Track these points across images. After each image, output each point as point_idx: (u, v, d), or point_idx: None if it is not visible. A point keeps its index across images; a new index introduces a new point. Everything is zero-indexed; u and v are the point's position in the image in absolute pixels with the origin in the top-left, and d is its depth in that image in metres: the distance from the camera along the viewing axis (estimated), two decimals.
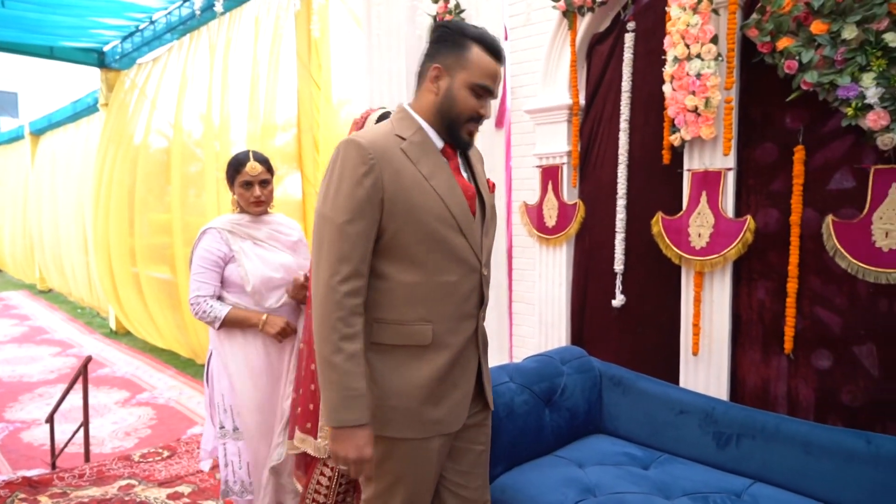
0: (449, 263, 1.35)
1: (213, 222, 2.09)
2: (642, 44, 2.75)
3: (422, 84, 1.40)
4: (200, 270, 2.02)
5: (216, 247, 1.99)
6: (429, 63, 1.38)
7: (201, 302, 1.97)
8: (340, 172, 1.31)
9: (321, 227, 1.32)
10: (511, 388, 2.04)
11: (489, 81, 1.35)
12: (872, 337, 2.15)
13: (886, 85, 2.01)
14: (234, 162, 2.10)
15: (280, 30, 4.69)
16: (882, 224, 2.09)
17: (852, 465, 1.57)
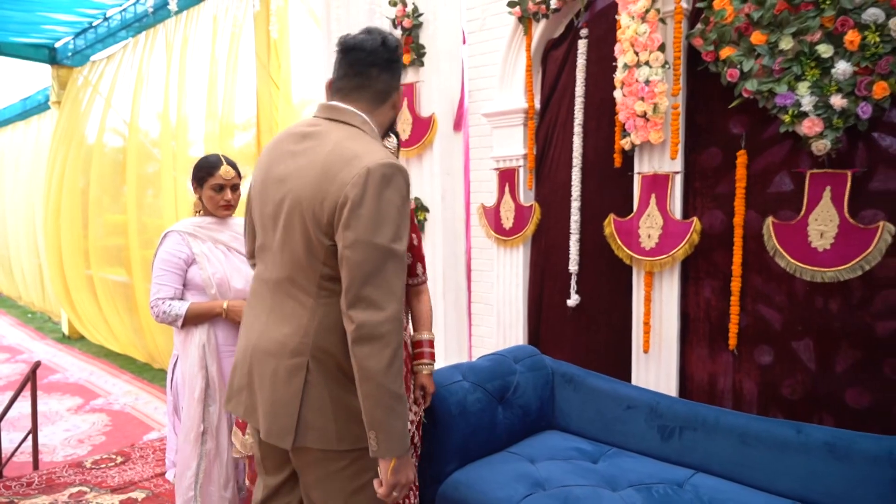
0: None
1: (175, 225, 2.09)
2: (595, 50, 2.82)
3: (386, 101, 1.43)
4: (161, 273, 2.01)
5: (178, 249, 1.98)
6: (395, 83, 1.42)
7: (160, 304, 1.97)
8: (397, 201, 1.30)
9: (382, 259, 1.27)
10: (464, 387, 2.08)
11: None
12: (809, 333, 2.26)
13: (820, 94, 2.12)
14: (206, 164, 2.08)
15: (238, 29, 4.65)
16: (817, 225, 2.20)
17: (785, 454, 1.66)
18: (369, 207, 1.25)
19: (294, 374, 1.36)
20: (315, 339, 1.35)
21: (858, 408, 2.18)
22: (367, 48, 1.39)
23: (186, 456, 1.92)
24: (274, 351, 1.39)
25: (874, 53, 2.01)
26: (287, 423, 1.36)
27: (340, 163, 1.30)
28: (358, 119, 1.40)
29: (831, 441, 1.63)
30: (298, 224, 1.35)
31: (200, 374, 1.94)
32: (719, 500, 1.70)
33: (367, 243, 1.25)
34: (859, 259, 2.12)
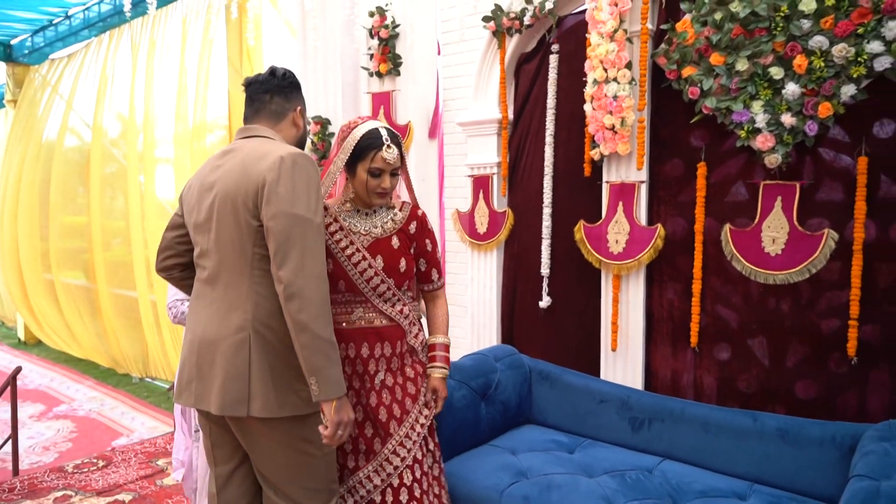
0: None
1: None
2: (565, 65, 2.98)
3: (283, 120, 1.69)
4: None
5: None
6: (289, 104, 1.70)
7: (179, 304, 2.02)
8: (307, 179, 1.53)
9: (301, 227, 1.48)
10: (451, 385, 2.19)
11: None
12: (763, 331, 2.46)
13: (772, 112, 2.32)
14: None
15: (210, 34, 4.66)
16: (770, 232, 2.40)
17: (743, 440, 1.83)
18: (285, 185, 1.49)
19: (239, 349, 1.53)
20: (254, 314, 1.53)
21: (806, 399, 2.38)
22: (259, 80, 1.71)
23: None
24: (219, 335, 1.55)
25: (819, 77, 2.22)
26: (240, 392, 1.52)
27: (257, 158, 1.55)
28: (267, 132, 1.67)
29: (783, 428, 1.81)
30: (229, 215, 1.55)
31: None
32: (685, 483, 1.87)
33: (287, 213, 1.48)
34: (807, 263, 2.32)
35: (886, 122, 2.21)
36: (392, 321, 1.77)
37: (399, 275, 1.77)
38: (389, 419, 1.74)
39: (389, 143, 1.70)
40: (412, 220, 1.84)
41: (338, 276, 1.73)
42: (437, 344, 1.87)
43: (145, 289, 5.55)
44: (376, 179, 1.71)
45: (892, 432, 1.55)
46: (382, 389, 1.75)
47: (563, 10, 2.95)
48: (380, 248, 1.77)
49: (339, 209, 1.81)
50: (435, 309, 1.93)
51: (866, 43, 2.12)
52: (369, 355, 1.75)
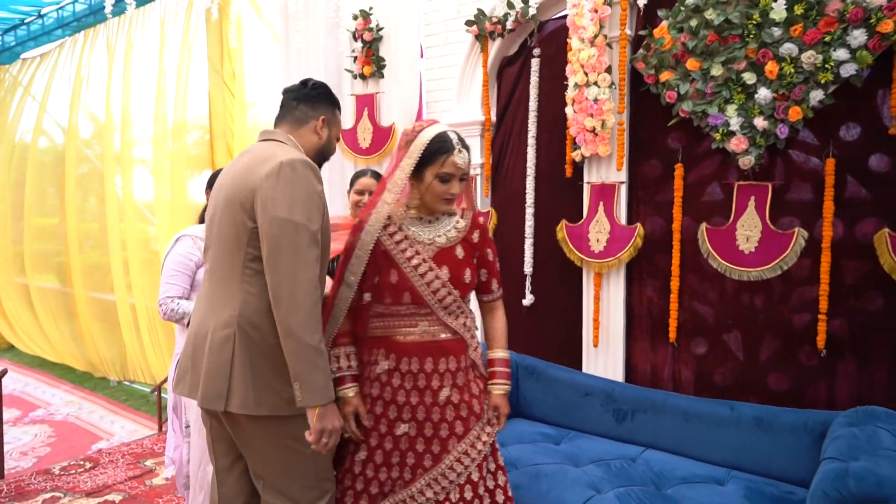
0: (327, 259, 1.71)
1: (187, 230, 2.17)
2: (547, 68, 3.06)
3: (304, 126, 1.70)
4: (172, 273, 2.08)
5: (190, 252, 2.07)
6: (313, 113, 1.71)
7: (168, 302, 2.04)
8: (305, 186, 1.53)
9: (293, 233, 1.49)
10: None
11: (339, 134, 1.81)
12: (738, 326, 2.56)
13: (745, 115, 2.43)
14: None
15: (190, 35, 4.64)
16: (744, 231, 2.51)
17: (721, 429, 1.92)
18: (283, 190, 1.50)
19: (224, 345, 1.55)
20: (241, 312, 1.55)
21: (779, 391, 2.49)
22: (292, 88, 1.75)
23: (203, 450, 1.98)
24: (208, 329, 1.59)
25: (790, 82, 2.33)
26: (220, 387, 1.55)
27: (260, 161, 1.57)
28: (282, 137, 1.69)
29: (759, 416, 1.91)
30: (228, 214, 1.59)
31: None
32: (667, 471, 1.95)
33: (282, 219, 1.49)
34: (779, 260, 2.43)
35: (852, 126, 2.32)
36: (456, 334, 1.68)
37: (464, 286, 1.69)
38: (450, 436, 1.65)
39: (460, 147, 1.64)
40: (475, 228, 1.76)
41: (403, 288, 1.65)
42: (498, 359, 1.77)
43: (123, 291, 5.49)
44: (445, 185, 1.64)
45: (859, 418, 1.65)
46: (447, 406, 1.65)
47: (544, 15, 3.03)
48: (445, 259, 1.68)
49: (403, 217, 1.72)
50: (494, 321, 1.83)
51: (833, 50, 2.23)
52: (433, 370, 1.66)
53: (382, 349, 1.67)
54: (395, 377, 1.65)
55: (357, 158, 3.65)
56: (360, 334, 1.70)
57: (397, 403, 1.65)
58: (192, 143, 4.92)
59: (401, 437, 1.64)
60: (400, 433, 1.64)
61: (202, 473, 2.00)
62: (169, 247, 2.14)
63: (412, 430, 1.64)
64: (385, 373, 1.66)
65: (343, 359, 1.67)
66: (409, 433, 1.64)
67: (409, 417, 1.64)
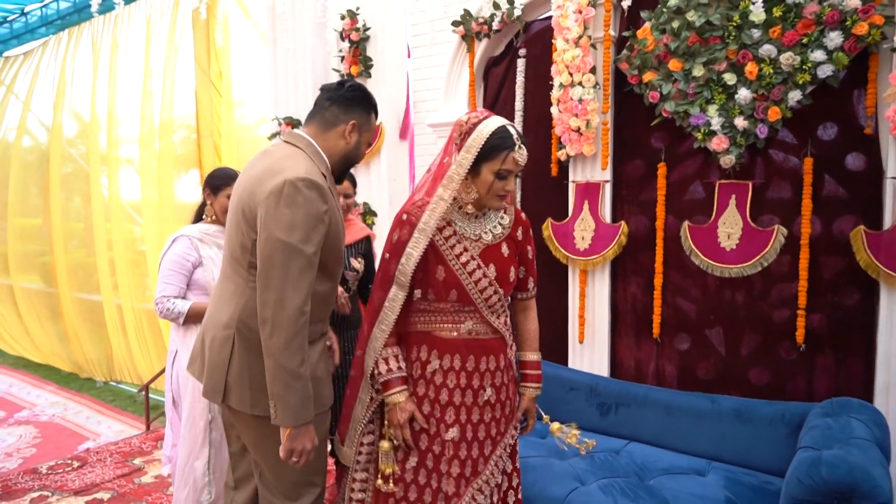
0: (339, 273, 1.70)
1: (184, 230, 2.18)
2: (532, 68, 3.09)
3: (332, 129, 1.62)
4: (169, 273, 2.11)
5: (187, 252, 2.11)
6: (344, 116, 1.62)
7: (165, 301, 2.06)
8: (307, 208, 1.48)
9: (288, 255, 1.45)
10: None
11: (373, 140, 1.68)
12: (720, 321, 2.61)
13: (726, 115, 2.48)
14: (224, 175, 2.21)
15: (177, 35, 4.63)
16: (725, 228, 2.56)
17: (702, 421, 1.96)
18: (282, 211, 1.47)
19: (224, 344, 1.60)
20: (241, 316, 1.58)
21: (759, 384, 2.55)
22: (328, 87, 1.69)
23: (196, 447, 1.99)
24: (213, 326, 1.64)
25: (769, 83, 2.38)
26: (217, 383, 1.61)
27: (270, 174, 1.52)
28: (303, 142, 1.62)
29: (738, 408, 1.95)
30: (235, 220, 1.61)
31: None
32: (650, 462, 1.99)
33: (277, 240, 1.46)
34: (759, 257, 2.49)
35: (829, 126, 2.38)
36: (497, 333, 1.64)
37: (508, 284, 1.65)
38: (486, 438, 1.63)
39: (521, 143, 1.57)
40: (519, 224, 1.71)
41: (450, 285, 1.60)
42: (531, 362, 1.75)
43: (110, 291, 5.46)
44: (502, 182, 1.56)
45: (833, 409, 1.70)
46: (486, 406, 1.62)
47: (529, 16, 3.07)
48: (492, 256, 1.63)
49: (454, 211, 1.64)
50: (527, 322, 1.79)
51: (810, 52, 2.29)
52: (474, 369, 1.61)
53: (424, 345, 1.62)
54: (438, 375, 1.61)
55: None
56: (402, 331, 1.66)
57: (441, 403, 1.60)
58: (179, 142, 4.91)
59: (447, 442, 1.60)
60: (449, 438, 1.60)
61: (189, 469, 2.01)
62: (166, 247, 2.16)
63: (457, 435, 1.61)
64: (431, 372, 1.62)
65: (392, 360, 1.62)
66: (454, 438, 1.61)
67: (452, 420, 1.60)
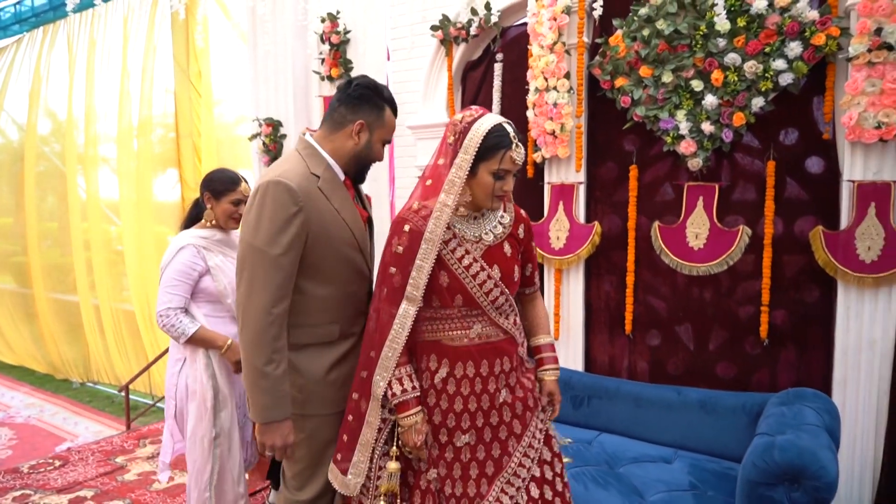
0: (352, 276, 1.64)
1: (187, 238, 2.09)
2: (509, 73, 3.17)
3: (340, 130, 1.60)
4: (175, 283, 2.02)
5: (194, 262, 2.03)
6: (351, 116, 1.59)
7: (171, 315, 1.98)
8: (273, 210, 1.48)
9: (253, 257, 1.49)
10: None
11: (391, 135, 1.66)
12: (688, 318, 2.72)
13: (693, 120, 2.58)
14: (226, 179, 2.12)
15: (155, 34, 4.63)
16: (693, 228, 2.66)
17: (669, 412, 2.06)
18: (252, 214, 1.50)
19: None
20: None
21: (725, 378, 2.65)
22: (339, 88, 1.67)
23: (201, 461, 1.97)
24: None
25: (734, 89, 2.49)
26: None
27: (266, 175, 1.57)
28: (302, 144, 1.63)
29: (703, 399, 2.05)
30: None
31: (210, 382, 1.99)
32: (619, 452, 2.08)
33: (246, 242, 1.51)
34: (725, 256, 2.59)
35: (790, 131, 2.50)
36: (507, 334, 1.58)
37: (513, 284, 1.60)
38: (509, 436, 1.58)
39: (517, 142, 1.49)
40: (519, 222, 1.65)
41: (454, 290, 1.54)
42: (544, 345, 1.69)
43: (86, 292, 5.43)
44: (500, 182, 1.50)
45: (789, 398, 1.81)
46: (503, 407, 1.57)
47: (506, 22, 3.15)
48: (495, 257, 1.57)
49: (452, 215, 1.57)
50: (536, 310, 1.74)
51: (772, 61, 2.40)
52: (489, 373, 1.56)
53: (434, 354, 1.57)
54: (450, 383, 1.56)
55: None
56: (410, 343, 1.58)
57: (455, 412, 1.55)
58: (157, 141, 4.91)
59: (461, 448, 1.56)
60: (460, 444, 1.56)
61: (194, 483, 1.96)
62: (170, 254, 2.06)
63: (472, 439, 1.56)
64: (441, 380, 1.57)
65: (406, 380, 1.54)
66: (469, 443, 1.56)
67: (467, 426, 1.56)
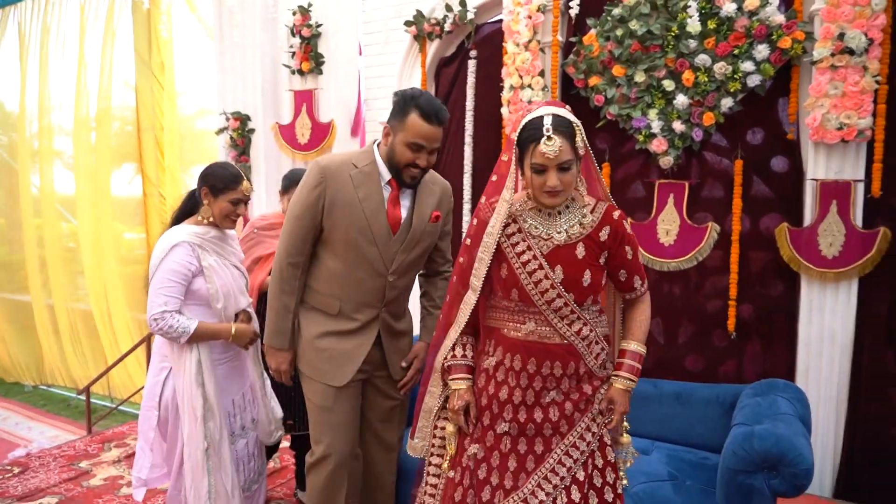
0: (360, 263, 1.76)
1: (181, 235, 1.94)
2: (482, 69, 3.19)
3: (387, 136, 1.74)
4: (169, 284, 1.88)
5: (188, 261, 1.89)
6: (386, 122, 1.77)
7: (167, 317, 1.85)
8: (303, 182, 1.77)
9: (286, 216, 1.79)
10: None
11: (421, 139, 1.67)
12: (659, 312, 2.78)
13: (665, 119, 2.65)
14: (227, 175, 1.97)
15: (114, 22, 4.48)
16: (664, 225, 2.73)
17: (646, 404, 2.09)
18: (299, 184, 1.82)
19: None
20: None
21: (694, 370, 2.74)
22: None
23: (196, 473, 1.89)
24: None
25: (704, 90, 2.56)
26: None
27: None
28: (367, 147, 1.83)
29: (678, 391, 2.10)
30: None
31: (199, 391, 1.89)
32: None
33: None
34: (695, 252, 2.67)
35: (757, 131, 2.59)
36: (565, 340, 1.49)
37: (581, 289, 1.48)
38: (554, 434, 1.51)
39: (551, 134, 1.39)
40: (605, 224, 1.50)
41: (512, 284, 1.50)
42: (628, 351, 1.54)
43: (39, 291, 5.22)
44: (540, 177, 1.42)
45: (762, 389, 1.87)
46: (551, 405, 1.51)
47: (480, 19, 3.16)
48: (560, 258, 1.48)
49: (522, 208, 1.53)
50: (634, 312, 1.60)
51: (741, 62, 2.48)
52: (535, 372, 1.50)
53: (492, 340, 1.56)
54: (499, 371, 1.53)
55: (295, 154, 3.66)
56: (478, 323, 1.60)
57: (499, 399, 1.52)
58: (116, 135, 4.75)
59: (501, 435, 1.52)
60: (500, 431, 1.52)
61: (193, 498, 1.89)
62: (161, 252, 1.92)
63: (513, 430, 1.52)
64: (492, 366, 1.55)
65: (459, 347, 1.59)
66: (509, 432, 1.52)
67: (510, 417, 1.52)
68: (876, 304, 2.42)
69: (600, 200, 1.54)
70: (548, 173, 1.41)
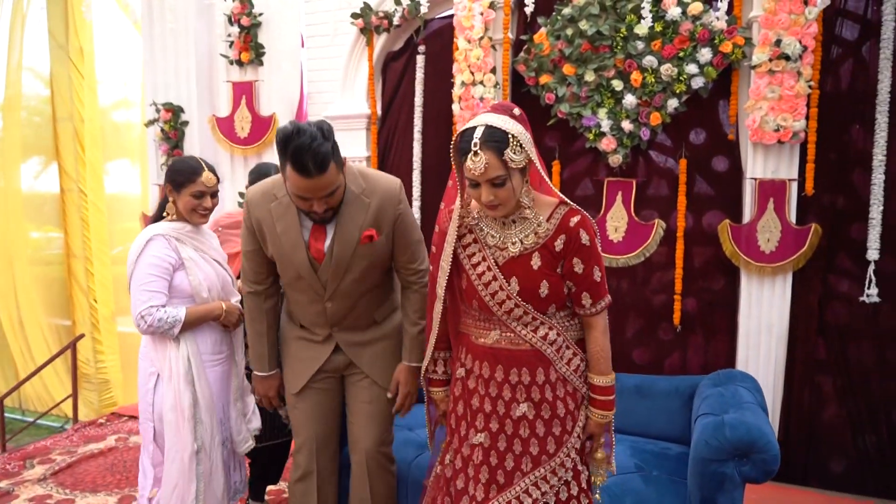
0: (300, 288, 1.73)
1: (156, 229, 1.83)
2: (431, 65, 3.15)
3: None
4: (151, 279, 1.77)
5: (166, 254, 1.79)
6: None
7: (154, 311, 1.73)
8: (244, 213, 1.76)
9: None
10: None
11: (304, 193, 1.50)
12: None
13: (614, 118, 2.71)
14: (185, 168, 1.87)
15: (24, 2, 4.12)
16: (613, 222, 2.79)
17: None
18: None
19: None
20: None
21: (642, 363, 2.82)
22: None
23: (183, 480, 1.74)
24: None
25: (651, 90, 2.64)
26: None
27: None
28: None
29: (638, 384, 2.16)
30: None
31: (188, 389, 1.79)
32: None
33: None
34: (642, 248, 2.75)
35: (700, 131, 2.70)
36: (533, 347, 1.44)
37: (539, 300, 1.42)
38: (524, 454, 1.46)
39: (477, 150, 1.31)
40: (560, 233, 1.43)
41: (470, 296, 1.47)
42: (594, 386, 1.48)
43: None
44: (475, 190, 1.36)
45: (720, 380, 1.95)
46: (521, 422, 1.46)
47: (431, 14, 3.12)
48: (515, 269, 1.43)
49: (479, 216, 1.48)
50: (589, 343, 1.51)
51: (685, 65, 2.57)
52: (503, 380, 1.46)
53: (463, 347, 1.54)
54: (470, 379, 1.51)
55: (234, 148, 3.49)
56: (454, 330, 1.56)
57: (472, 407, 1.51)
58: (27, 124, 4.37)
59: (475, 446, 1.50)
60: (476, 442, 1.49)
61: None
62: (137, 248, 1.80)
63: (486, 441, 1.48)
64: (463, 376, 1.53)
65: (433, 363, 1.63)
66: (483, 443, 1.49)
67: (481, 426, 1.49)
68: (808, 296, 2.58)
69: (562, 203, 1.47)
70: (481, 188, 1.35)
